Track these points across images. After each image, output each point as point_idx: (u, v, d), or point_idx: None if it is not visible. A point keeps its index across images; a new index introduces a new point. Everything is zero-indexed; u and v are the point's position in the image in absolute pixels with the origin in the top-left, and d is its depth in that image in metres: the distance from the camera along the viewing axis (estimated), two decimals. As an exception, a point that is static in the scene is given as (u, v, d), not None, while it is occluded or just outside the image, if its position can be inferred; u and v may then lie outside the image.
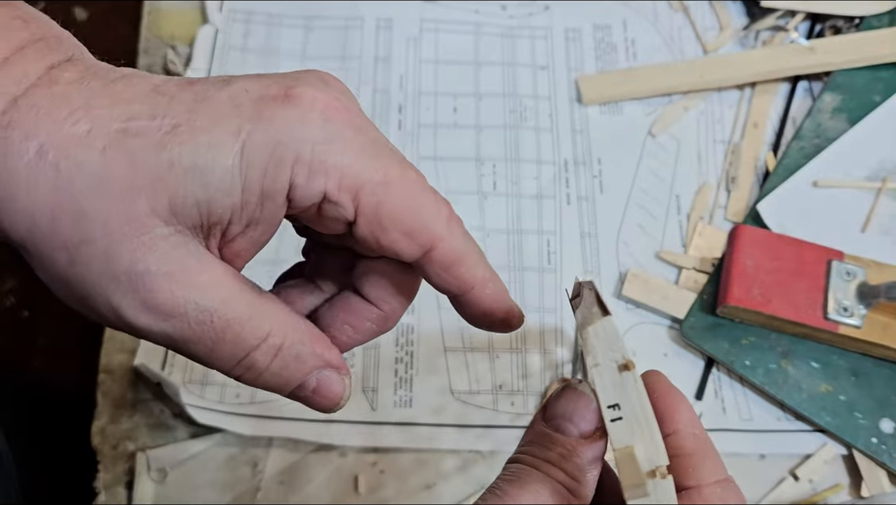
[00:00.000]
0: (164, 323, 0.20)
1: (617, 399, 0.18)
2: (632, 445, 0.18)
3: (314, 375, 0.22)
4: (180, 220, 0.19)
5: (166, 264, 0.19)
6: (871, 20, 0.53)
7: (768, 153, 0.50)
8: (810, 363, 0.43)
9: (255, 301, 0.21)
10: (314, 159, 0.19)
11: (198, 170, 0.19)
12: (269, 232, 0.21)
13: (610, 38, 0.54)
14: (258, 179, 0.19)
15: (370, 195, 0.20)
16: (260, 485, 0.41)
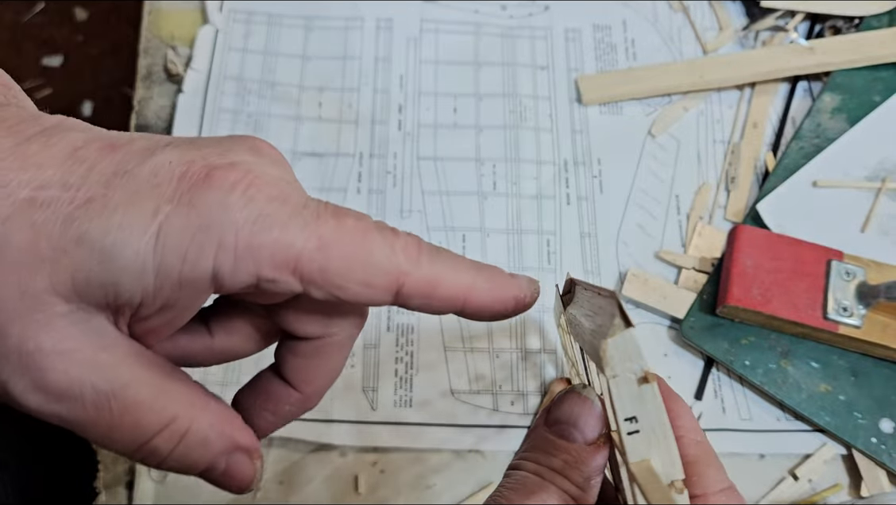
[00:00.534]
0: (57, 405, 0.18)
1: (634, 412, 0.18)
2: (648, 459, 0.18)
3: (223, 459, 0.20)
4: (83, 298, 0.18)
5: (62, 343, 0.18)
6: (871, 20, 0.53)
7: (768, 153, 0.50)
8: (810, 363, 0.43)
9: (161, 383, 0.19)
10: (239, 244, 0.18)
11: (105, 250, 0.17)
12: (187, 314, 0.20)
13: (610, 38, 0.54)
14: (175, 266, 0.18)
15: (310, 262, 0.19)
16: (259, 485, 0.41)
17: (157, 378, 0.19)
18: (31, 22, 1.17)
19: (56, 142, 0.18)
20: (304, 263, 0.19)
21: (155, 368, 0.20)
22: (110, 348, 0.19)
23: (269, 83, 0.51)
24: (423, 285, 0.20)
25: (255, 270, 0.19)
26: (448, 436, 0.42)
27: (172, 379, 0.20)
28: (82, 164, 0.18)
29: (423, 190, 0.49)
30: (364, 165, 0.49)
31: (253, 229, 0.18)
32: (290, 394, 0.23)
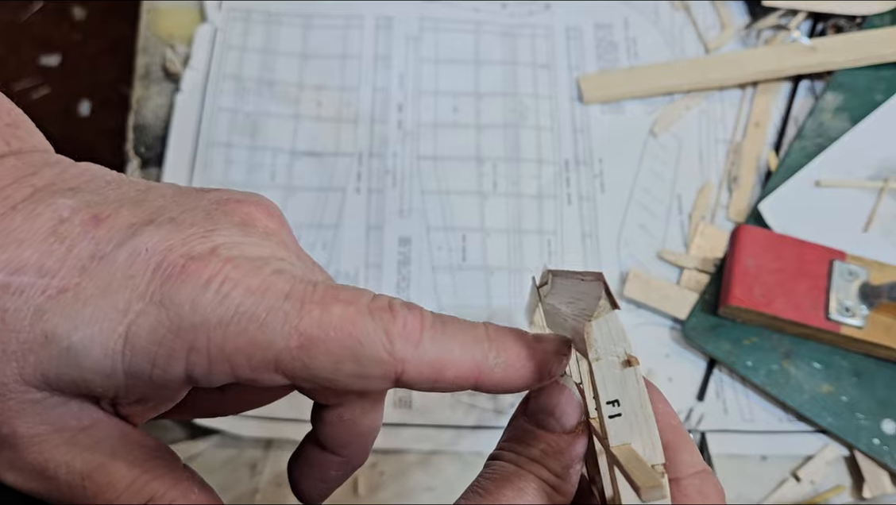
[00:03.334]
0: (33, 483, 0.18)
1: (617, 395, 0.18)
2: (629, 443, 0.18)
3: None
4: (55, 389, 0.18)
5: (36, 427, 0.18)
6: (874, 19, 0.53)
7: (770, 153, 0.50)
8: (812, 364, 0.43)
9: (143, 463, 0.19)
10: (211, 347, 0.17)
11: (73, 349, 0.17)
12: (168, 404, 0.20)
13: (611, 37, 0.54)
14: (145, 368, 0.17)
15: (292, 362, 0.18)
16: (258, 487, 0.41)
17: (138, 458, 0.19)
18: (28, 21, 1.16)
19: (42, 211, 0.18)
20: (285, 363, 0.18)
21: (137, 448, 0.19)
22: (89, 429, 0.18)
23: (267, 82, 0.51)
24: (426, 370, 0.19)
25: (231, 371, 0.18)
26: (448, 438, 0.42)
27: (155, 459, 0.19)
28: (62, 242, 0.18)
29: (423, 189, 0.48)
30: (363, 165, 0.49)
31: (227, 332, 0.17)
32: (332, 460, 0.22)
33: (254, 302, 0.18)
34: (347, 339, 0.18)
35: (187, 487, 0.19)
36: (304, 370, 0.18)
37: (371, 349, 0.18)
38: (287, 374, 0.18)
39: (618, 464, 0.17)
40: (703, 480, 0.19)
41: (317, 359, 0.18)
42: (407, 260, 0.46)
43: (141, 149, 0.49)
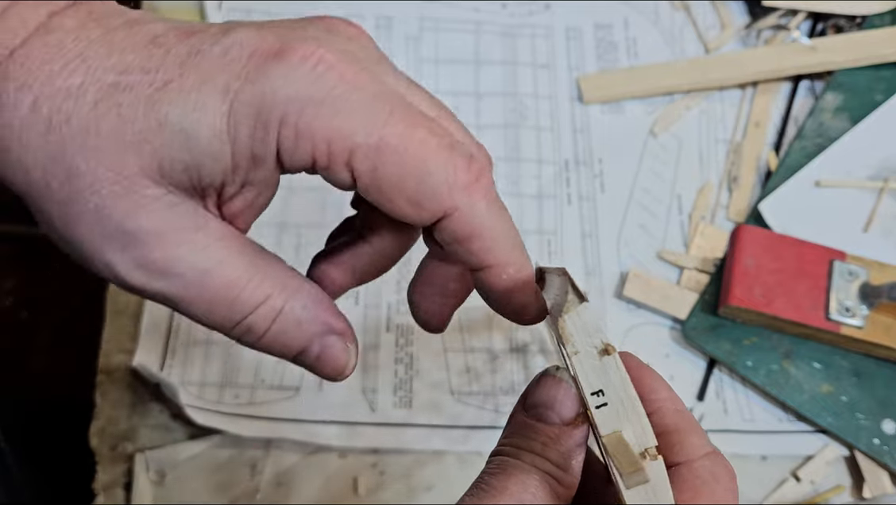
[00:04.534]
0: (159, 283, 0.19)
1: (600, 385, 0.18)
2: (619, 430, 0.18)
3: (317, 341, 0.21)
4: (171, 182, 0.19)
5: (159, 223, 0.19)
6: (874, 19, 0.53)
7: (770, 153, 0.50)
8: (812, 364, 0.43)
9: (255, 263, 0.20)
10: (300, 122, 0.18)
11: (185, 133, 0.18)
12: (267, 194, 0.20)
13: (611, 36, 0.54)
14: (247, 143, 0.18)
15: (364, 160, 0.19)
16: (259, 487, 0.41)
17: (250, 258, 0.20)
18: (29, 20, 1.16)
19: (138, 30, 0.19)
20: (357, 160, 0.19)
21: (248, 248, 0.20)
22: (204, 229, 0.19)
23: (268, 82, 0.51)
24: (463, 229, 0.20)
25: (311, 151, 0.18)
26: (448, 437, 0.42)
27: (266, 260, 0.20)
28: (160, 48, 0.19)
29: (424, 189, 0.48)
30: (364, 165, 0.49)
31: (317, 111, 0.18)
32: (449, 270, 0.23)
33: (346, 90, 0.18)
34: (421, 162, 0.19)
35: (297, 287, 0.20)
36: (369, 174, 0.19)
37: (436, 180, 0.19)
38: (355, 172, 0.19)
39: (607, 454, 0.17)
40: (714, 462, 0.19)
41: (386, 167, 0.18)
42: (407, 259, 0.46)
43: (141, 149, 0.49)
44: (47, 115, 0.18)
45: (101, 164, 0.18)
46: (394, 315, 0.45)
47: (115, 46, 0.19)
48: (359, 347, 0.22)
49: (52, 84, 0.18)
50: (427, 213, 0.19)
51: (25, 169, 0.18)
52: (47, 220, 0.19)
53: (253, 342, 0.21)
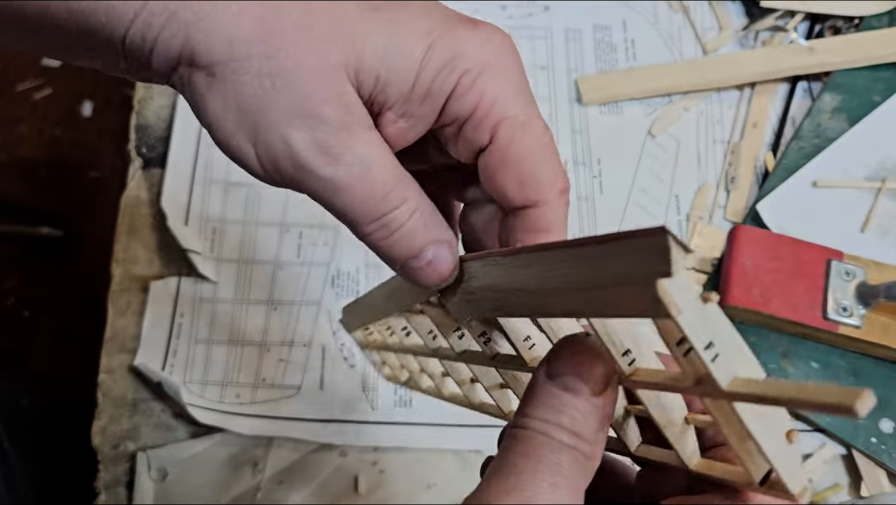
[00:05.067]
0: (330, 168, 0.21)
1: (709, 337, 0.16)
2: (735, 375, 0.16)
3: (432, 248, 0.22)
4: (359, 85, 0.21)
5: (346, 115, 0.21)
6: (871, 20, 0.53)
7: (768, 153, 0.50)
8: (810, 363, 0.43)
9: (400, 170, 0.22)
10: (479, 79, 0.21)
11: (388, 49, 0.21)
12: (414, 131, 0.23)
13: (610, 38, 0.54)
14: (430, 78, 0.21)
15: (507, 129, 0.22)
16: (260, 485, 0.41)
17: (398, 165, 0.22)
18: (31, 21, 1.16)
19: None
20: (503, 127, 0.22)
21: (397, 163, 0.22)
22: (373, 132, 0.22)
23: (269, 83, 0.51)
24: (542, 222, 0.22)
25: (475, 103, 0.21)
26: (449, 435, 0.42)
27: (405, 171, 0.23)
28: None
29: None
30: (364, 165, 0.49)
31: (494, 74, 0.21)
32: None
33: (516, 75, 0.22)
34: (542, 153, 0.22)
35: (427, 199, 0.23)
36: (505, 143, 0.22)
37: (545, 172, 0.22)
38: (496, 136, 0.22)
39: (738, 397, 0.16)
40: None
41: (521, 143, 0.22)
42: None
43: (143, 149, 0.50)
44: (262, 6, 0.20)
45: (310, 49, 0.20)
46: (394, 315, 0.45)
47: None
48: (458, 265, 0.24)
49: None
50: (525, 195, 0.22)
51: (230, 39, 0.20)
52: (232, 93, 0.20)
53: (384, 237, 0.22)
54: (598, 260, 0.17)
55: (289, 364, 0.44)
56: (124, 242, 0.47)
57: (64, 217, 1.05)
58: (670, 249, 0.14)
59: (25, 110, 1.11)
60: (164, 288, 0.45)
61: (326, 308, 0.45)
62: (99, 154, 1.07)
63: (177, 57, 0.20)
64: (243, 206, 0.48)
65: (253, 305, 0.45)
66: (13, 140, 1.11)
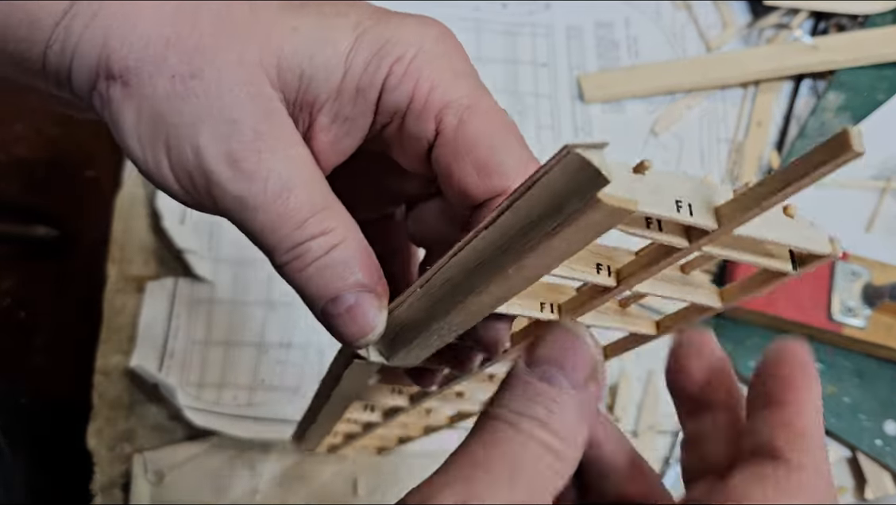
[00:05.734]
0: (241, 184, 0.19)
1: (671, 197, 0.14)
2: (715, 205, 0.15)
3: (354, 293, 0.20)
4: (281, 85, 0.19)
5: (262, 123, 0.19)
6: (876, 18, 0.52)
7: (772, 152, 0.50)
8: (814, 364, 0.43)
9: (327, 195, 0.20)
10: (412, 64, 0.20)
11: (312, 43, 0.19)
12: (351, 138, 0.21)
13: (612, 35, 0.54)
14: (359, 70, 0.20)
15: (453, 116, 0.20)
16: (258, 487, 0.40)
17: (326, 189, 0.20)
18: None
19: None
20: (448, 114, 0.20)
21: (325, 183, 0.20)
22: (298, 147, 0.20)
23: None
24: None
25: (411, 92, 0.20)
26: (448, 437, 0.42)
27: (335, 200, 0.20)
28: None
29: (424, 189, 0.48)
30: (363, 164, 0.49)
31: (430, 60, 0.20)
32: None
33: (456, 60, 0.20)
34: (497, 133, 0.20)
35: (357, 234, 0.20)
36: (453, 128, 0.20)
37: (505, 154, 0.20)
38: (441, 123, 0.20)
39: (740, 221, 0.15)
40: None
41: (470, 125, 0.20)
42: (407, 260, 0.46)
43: (139, 148, 0.49)
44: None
45: (227, 48, 0.19)
46: (394, 315, 0.45)
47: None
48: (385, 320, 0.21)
49: None
50: (487, 185, 0.20)
51: (146, 42, 0.19)
52: (148, 97, 0.19)
53: (298, 270, 0.20)
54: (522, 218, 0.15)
55: (287, 365, 0.43)
56: (120, 242, 0.46)
57: (60, 217, 1.04)
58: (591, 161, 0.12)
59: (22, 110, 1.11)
60: (161, 288, 0.45)
61: (325, 309, 0.45)
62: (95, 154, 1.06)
63: (94, 68, 0.19)
64: (241, 205, 0.48)
65: (250, 305, 0.45)
66: (10, 140, 1.10)
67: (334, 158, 0.21)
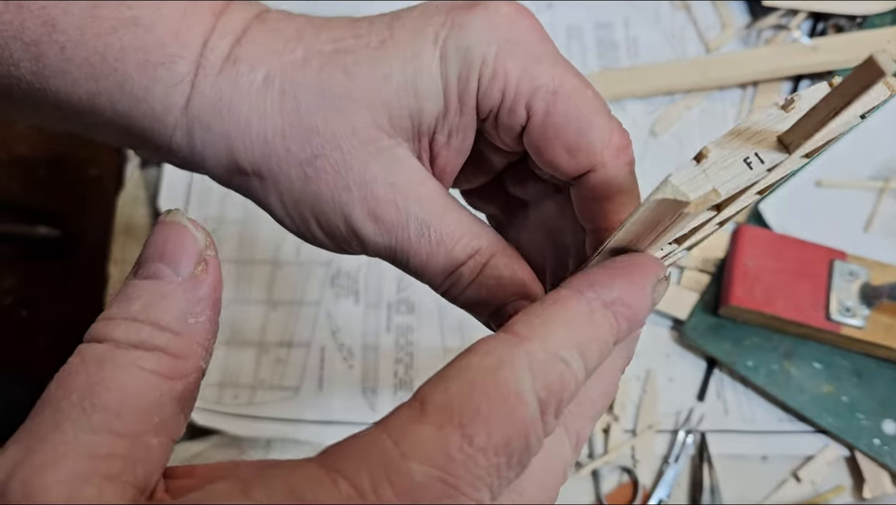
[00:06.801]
0: (388, 235, 0.21)
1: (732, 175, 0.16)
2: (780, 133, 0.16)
3: (513, 303, 0.21)
4: (397, 131, 0.21)
5: (391, 175, 0.20)
6: (874, 19, 0.53)
7: (770, 152, 0.50)
8: (813, 364, 0.43)
9: (465, 219, 0.21)
10: (497, 62, 0.20)
11: (409, 79, 0.20)
12: (466, 143, 0.22)
13: (611, 36, 0.54)
14: (455, 84, 0.20)
15: (541, 101, 0.20)
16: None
17: (461, 214, 0.21)
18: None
19: (333, 18, 0.22)
20: (536, 100, 0.20)
21: (458, 205, 0.21)
22: (427, 183, 0.21)
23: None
24: (604, 187, 0.21)
25: (502, 88, 0.20)
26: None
27: (473, 218, 0.22)
28: (362, 21, 0.21)
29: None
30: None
31: (511, 51, 0.20)
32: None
33: (535, 39, 0.21)
34: (586, 114, 0.21)
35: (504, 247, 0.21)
36: (542, 115, 0.20)
37: (594, 135, 0.20)
38: (531, 110, 0.20)
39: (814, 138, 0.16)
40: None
41: (557, 112, 0.20)
42: (407, 260, 0.46)
43: (141, 148, 0.49)
44: (280, 86, 0.20)
45: (337, 121, 0.20)
46: (394, 315, 0.45)
47: (322, 26, 0.21)
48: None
49: (279, 60, 0.20)
50: (577, 162, 0.21)
51: (264, 139, 0.20)
52: (285, 186, 0.20)
53: (458, 293, 0.21)
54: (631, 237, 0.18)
55: (287, 365, 0.44)
56: (122, 242, 0.47)
57: (62, 216, 1.04)
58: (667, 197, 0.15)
59: (24, 109, 1.11)
60: (163, 288, 0.45)
61: (326, 308, 0.45)
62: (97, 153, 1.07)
63: (226, 166, 0.20)
64: (242, 205, 0.48)
65: (252, 305, 0.45)
66: (11, 139, 1.10)
67: (459, 162, 0.22)
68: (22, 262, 1.08)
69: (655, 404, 0.43)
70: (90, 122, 0.20)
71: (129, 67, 0.19)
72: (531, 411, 0.15)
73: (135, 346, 0.15)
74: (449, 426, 0.14)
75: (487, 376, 0.15)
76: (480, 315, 0.22)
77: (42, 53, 0.19)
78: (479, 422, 0.14)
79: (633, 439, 0.42)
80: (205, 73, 0.20)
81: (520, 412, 0.14)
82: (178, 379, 0.16)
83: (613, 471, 0.42)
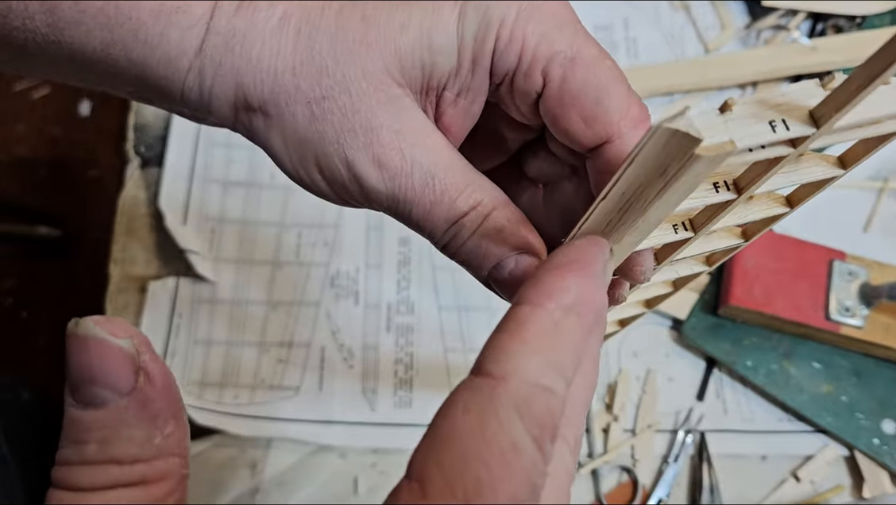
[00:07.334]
0: (391, 182, 0.20)
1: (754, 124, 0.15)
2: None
3: (514, 257, 0.21)
4: (407, 81, 0.20)
5: (397, 122, 0.20)
6: (873, 19, 0.53)
7: (770, 153, 0.50)
8: (812, 364, 0.43)
9: (469, 172, 0.21)
10: (516, 24, 0.20)
11: (425, 32, 0.20)
12: (478, 103, 0.22)
13: (611, 36, 0.54)
14: (470, 43, 0.20)
15: (558, 68, 0.20)
16: (259, 486, 0.41)
17: (465, 167, 0.21)
18: (29, 20, 1.16)
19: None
20: (553, 67, 0.20)
21: (462, 159, 0.21)
22: (433, 135, 0.21)
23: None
24: (620, 158, 0.20)
25: (518, 52, 0.20)
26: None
27: (475, 172, 0.21)
28: None
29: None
30: (364, 165, 0.49)
31: (530, 15, 0.20)
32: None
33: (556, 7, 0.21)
34: (604, 83, 0.20)
35: (504, 201, 0.21)
36: (558, 81, 0.20)
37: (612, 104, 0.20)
38: (548, 77, 0.20)
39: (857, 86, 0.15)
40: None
41: (575, 79, 0.20)
42: (407, 260, 0.46)
43: (141, 148, 0.49)
44: (296, 25, 0.20)
45: (349, 64, 0.20)
46: (394, 315, 0.45)
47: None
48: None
49: (299, 0, 0.20)
50: (594, 132, 0.20)
51: (274, 74, 0.20)
52: (290, 124, 0.20)
53: (458, 247, 0.21)
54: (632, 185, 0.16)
55: (288, 365, 0.44)
56: (122, 242, 0.47)
57: (62, 217, 1.04)
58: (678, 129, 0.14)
59: (23, 109, 1.11)
60: (163, 288, 0.45)
61: (326, 308, 0.45)
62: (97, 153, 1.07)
63: (233, 104, 0.20)
64: (242, 205, 0.48)
65: (252, 305, 0.45)
66: (12, 139, 1.10)
67: (465, 126, 0.22)
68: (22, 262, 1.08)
69: (655, 404, 0.43)
70: (104, 72, 0.20)
71: (143, 15, 0.19)
72: (530, 456, 0.14)
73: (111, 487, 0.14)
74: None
75: (476, 437, 0.14)
76: (480, 272, 0.21)
77: (56, 5, 0.19)
78: (483, 490, 0.14)
79: (632, 439, 0.42)
80: (221, 12, 0.20)
81: (518, 464, 0.14)
82: (167, 497, 0.15)
83: (613, 470, 0.42)
